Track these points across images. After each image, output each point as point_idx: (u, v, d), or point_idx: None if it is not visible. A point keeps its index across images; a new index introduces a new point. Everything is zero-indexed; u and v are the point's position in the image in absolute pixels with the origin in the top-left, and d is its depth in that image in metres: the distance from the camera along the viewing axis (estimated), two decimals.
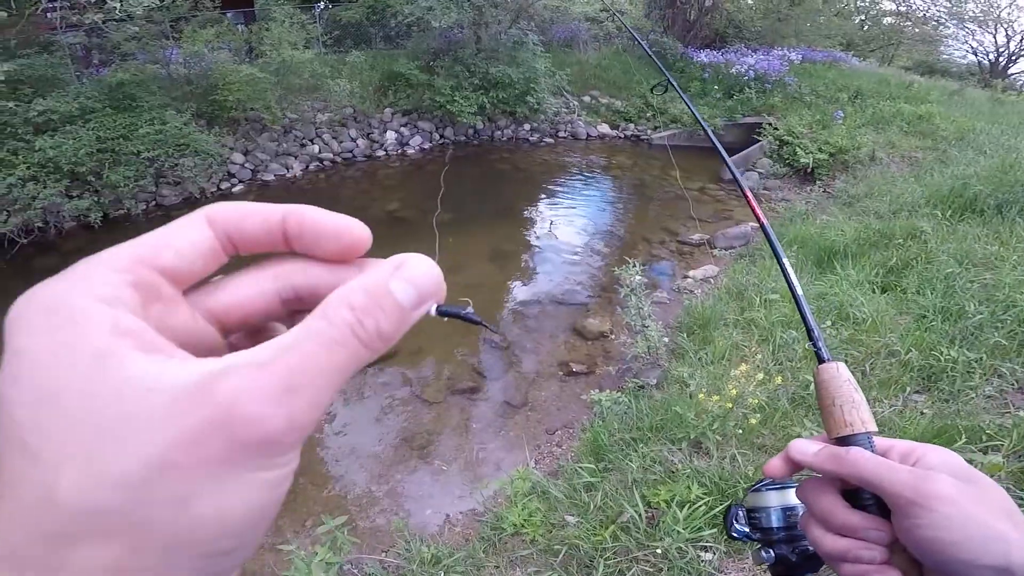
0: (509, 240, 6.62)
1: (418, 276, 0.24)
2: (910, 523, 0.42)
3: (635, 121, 11.03)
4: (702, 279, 5.31)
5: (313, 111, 9.03)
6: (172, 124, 7.08)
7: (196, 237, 0.23)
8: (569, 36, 13.05)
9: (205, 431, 0.19)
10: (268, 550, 2.87)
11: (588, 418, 3.56)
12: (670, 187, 8.28)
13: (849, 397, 0.50)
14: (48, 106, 6.32)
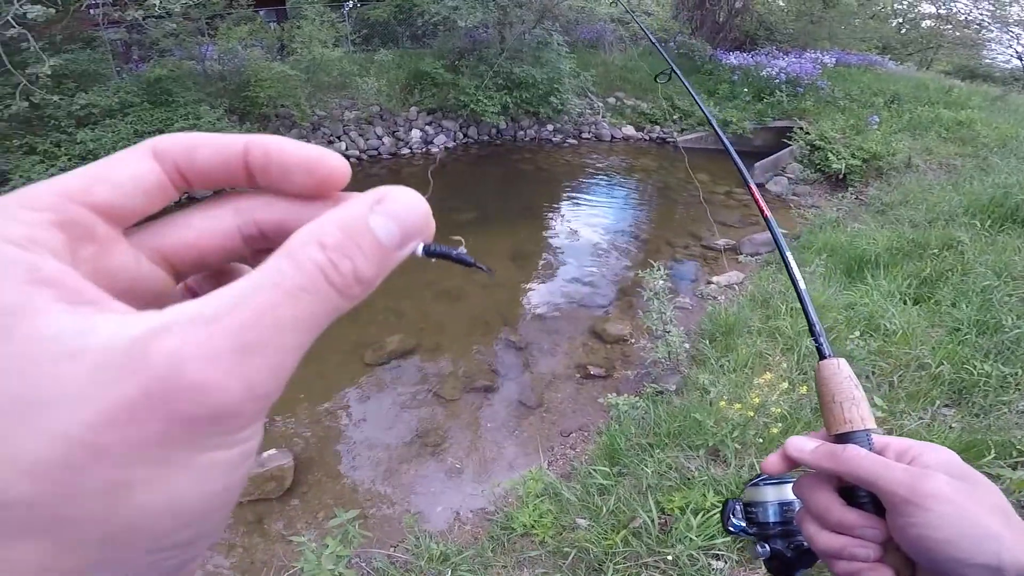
0: (530, 240, 6.61)
1: (402, 210, 0.20)
2: (904, 521, 0.42)
3: (661, 123, 10.91)
4: (726, 285, 5.22)
5: (341, 109, 9.17)
6: (206, 119, 7.28)
7: (138, 169, 0.20)
8: (594, 37, 12.97)
9: (139, 405, 0.15)
10: (278, 540, 2.92)
11: (604, 422, 3.53)
12: (695, 191, 8.15)
13: (849, 394, 0.50)
14: (90, 100, 6.56)
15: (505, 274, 5.78)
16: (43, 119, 6.38)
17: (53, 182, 0.19)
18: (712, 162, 9.56)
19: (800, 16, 14.52)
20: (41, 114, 6.30)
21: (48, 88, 6.15)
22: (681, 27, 13.93)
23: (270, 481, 3.21)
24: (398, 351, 4.41)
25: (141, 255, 0.21)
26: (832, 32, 14.37)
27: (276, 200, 0.22)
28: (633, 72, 11.82)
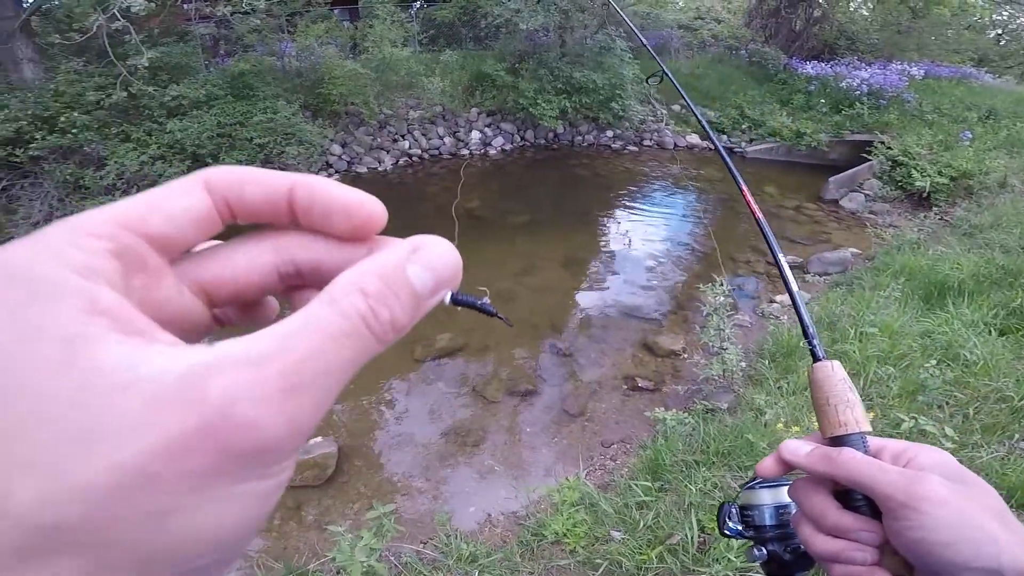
0: (584, 247, 6.54)
1: (437, 261, 0.22)
2: (900, 525, 0.42)
3: (728, 132, 10.55)
4: (790, 305, 4.95)
5: (406, 108, 9.40)
6: (282, 114, 7.61)
7: (191, 202, 0.21)
8: (660, 43, 12.73)
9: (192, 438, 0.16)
10: (313, 528, 2.98)
11: (649, 435, 3.43)
12: (762, 203, 7.81)
13: (844, 397, 0.50)
14: (180, 91, 7.00)
15: (556, 279, 5.74)
16: (138, 109, 6.89)
17: (112, 209, 0.19)
18: (783, 174, 9.16)
19: (886, 26, 13.70)
20: (137, 104, 6.81)
21: (144, 79, 6.65)
22: (754, 35, 13.44)
23: (313, 468, 3.28)
24: (446, 349, 4.46)
25: (184, 286, 0.22)
26: (921, 43, 13.47)
27: (314, 240, 0.23)
28: (700, 80, 11.51)
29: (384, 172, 8.92)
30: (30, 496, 0.15)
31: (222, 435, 0.16)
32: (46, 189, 6.41)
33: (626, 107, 9.95)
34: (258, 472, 0.18)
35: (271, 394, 0.17)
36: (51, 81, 6.64)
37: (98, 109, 6.51)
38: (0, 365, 0.16)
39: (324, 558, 2.61)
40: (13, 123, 6.05)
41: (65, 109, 6.34)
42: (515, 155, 9.93)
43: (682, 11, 15.35)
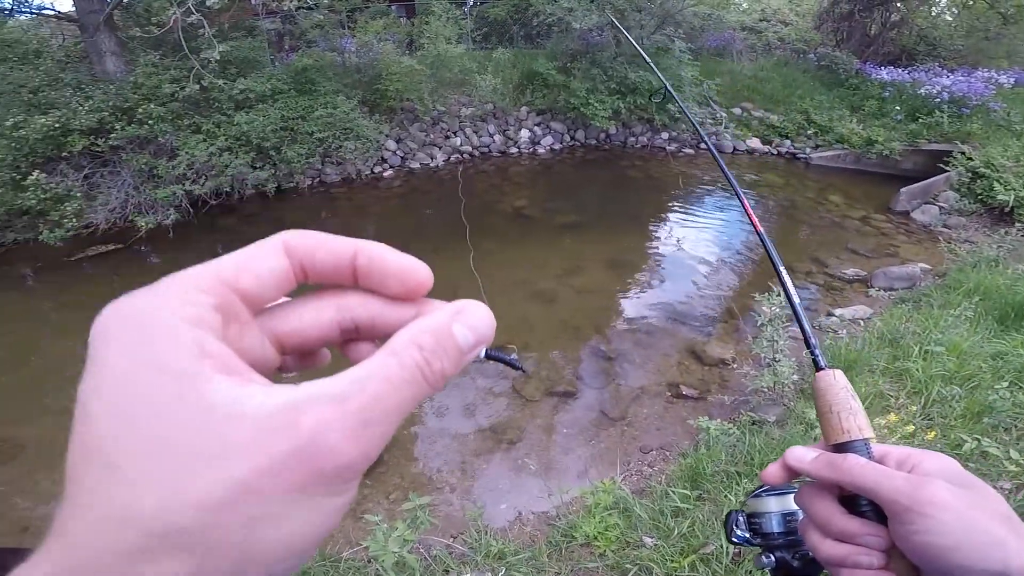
0: (631, 250, 6.40)
1: (477, 322, 0.25)
2: (907, 529, 0.42)
3: (792, 138, 10.09)
4: (850, 319, 4.68)
5: (459, 105, 9.49)
6: (341, 109, 7.82)
7: (274, 264, 0.25)
8: (721, 45, 12.32)
9: (289, 460, 0.20)
10: (348, 516, 3.03)
11: (690, 444, 3.31)
12: (826, 213, 7.45)
13: (846, 404, 0.50)
14: (248, 85, 7.29)
15: (601, 280, 5.64)
16: (209, 101, 7.23)
17: (212, 266, 0.23)
18: (850, 183, 8.70)
19: (972, 32, 12.79)
20: (208, 96, 7.15)
21: (215, 73, 6.96)
22: (824, 38, 12.82)
23: None
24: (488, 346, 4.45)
25: (264, 336, 0.26)
26: (1012, 50, 12.50)
27: (370, 300, 0.27)
28: (764, 83, 11.07)
29: (436, 168, 9.04)
30: (151, 506, 0.19)
31: (312, 458, 0.20)
32: (123, 177, 6.84)
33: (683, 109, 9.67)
34: (335, 489, 0.22)
35: (351, 427, 0.21)
36: (131, 74, 7.03)
37: (172, 101, 6.87)
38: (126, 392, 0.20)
39: (358, 547, 2.64)
40: (96, 114, 6.46)
41: (143, 101, 6.71)
42: (564, 155, 9.85)
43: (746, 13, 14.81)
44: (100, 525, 0.19)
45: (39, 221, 6.22)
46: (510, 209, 7.48)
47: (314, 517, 0.21)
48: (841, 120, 9.86)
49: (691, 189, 8.44)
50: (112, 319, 0.21)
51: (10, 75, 6.64)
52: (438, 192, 8.24)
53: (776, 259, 0.73)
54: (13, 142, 6.09)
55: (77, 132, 6.31)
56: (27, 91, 6.52)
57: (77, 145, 6.31)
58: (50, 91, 6.59)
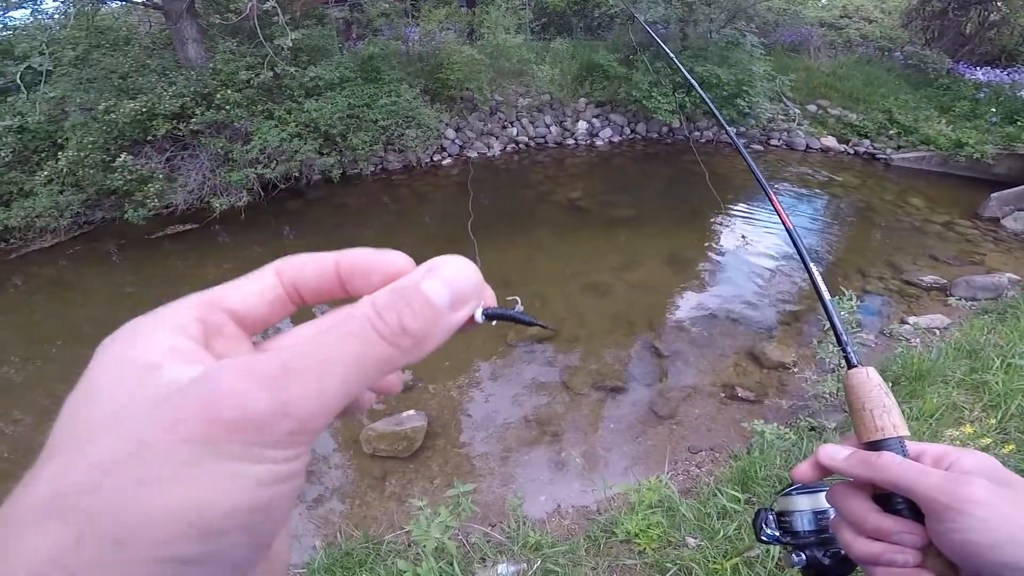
0: (691, 246, 6.20)
1: (452, 276, 0.24)
2: (946, 527, 0.42)
3: (872, 137, 9.46)
4: (925, 328, 4.36)
5: (516, 95, 9.47)
6: (405, 97, 7.93)
7: (262, 285, 0.25)
8: (798, 41, 11.71)
9: (187, 410, 0.18)
10: (393, 499, 3.09)
11: (742, 446, 3.18)
12: (905, 216, 6.95)
13: (880, 402, 0.50)
14: (318, 73, 7.51)
15: (657, 276, 5.50)
16: (280, 88, 7.53)
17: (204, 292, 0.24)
18: (934, 187, 8.08)
19: None
20: (280, 84, 7.44)
21: (287, 60, 7.23)
22: (912, 37, 11.95)
23: (403, 440, 3.38)
24: (537, 336, 4.44)
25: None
26: None
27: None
28: (843, 80, 10.45)
29: (492, 157, 9.07)
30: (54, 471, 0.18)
31: (212, 405, 0.18)
32: (201, 160, 7.24)
33: (753, 104, 9.27)
34: (249, 452, 0.19)
35: (264, 373, 0.19)
36: (210, 60, 7.40)
37: (248, 87, 7.18)
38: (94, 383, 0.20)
39: (400, 530, 2.69)
40: (179, 99, 6.85)
41: (220, 87, 7.06)
42: (623, 147, 9.64)
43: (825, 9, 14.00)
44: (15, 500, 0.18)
45: (124, 201, 6.70)
46: (564, 200, 7.41)
47: (227, 484, 0.18)
48: (928, 121, 9.17)
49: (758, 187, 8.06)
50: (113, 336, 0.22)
51: (103, 61, 7.13)
52: (494, 181, 8.27)
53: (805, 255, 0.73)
54: (104, 125, 6.53)
55: (161, 116, 6.72)
56: (117, 76, 6.99)
57: (161, 129, 6.72)
58: (138, 77, 7.03)
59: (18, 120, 6.52)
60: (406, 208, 7.43)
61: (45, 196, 6.32)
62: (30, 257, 6.35)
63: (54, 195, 6.39)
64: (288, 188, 7.57)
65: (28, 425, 3.81)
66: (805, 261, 0.72)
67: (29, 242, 6.51)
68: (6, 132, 6.38)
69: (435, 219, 7.25)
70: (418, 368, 4.15)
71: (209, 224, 6.81)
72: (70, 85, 6.82)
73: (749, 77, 9.11)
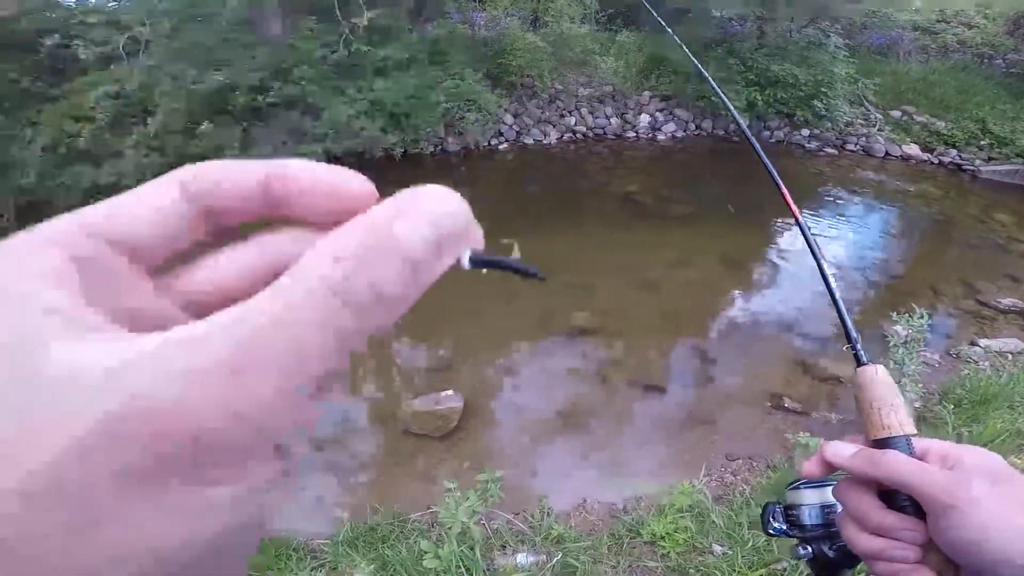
0: (749, 248, 6.00)
1: (434, 213, 0.17)
2: (944, 524, 0.43)
3: (960, 147, 8.79)
4: (998, 351, 4.10)
5: (577, 85, 9.36)
6: (467, 81, 8.01)
7: (162, 202, 0.19)
8: (886, 44, 10.98)
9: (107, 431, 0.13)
10: (421, 478, 3.11)
11: (783, 458, 3.10)
12: (989, 233, 6.45)
13: (888, 400, 0.51)
14: (388, 53, 7.69)
15: (710, 274, 5.36)
16: (353, 67, 7.75)
17: (76, 214, 0.18)
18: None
19: None
20: (352, 62, 7.67)
21: (362, 40, 7.45)
22: (1017, 44, 11.00)
23: (439, 420, 3.39)
24: (580, 328, 4.44)
25: (166, 300, 0.19)
26: None
27: (306, 234, 0.20)
28: (933, 87, 9.74)
29: (548, 145, 9.03)
30: None
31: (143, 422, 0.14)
32: (275, 133, 7.58)
33: (831, 107, 8.81)
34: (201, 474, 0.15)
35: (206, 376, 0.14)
36: (288, 36, 7.70)
37: (323, 64, 7.46)
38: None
39: (425, 510, 2.72)
40: (259, 72, 7.20)
41: (298, 63, 7.37)
42: (687, 143, 9.37)
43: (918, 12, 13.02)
44: None
45: None
46: (620, 193, 7.31)
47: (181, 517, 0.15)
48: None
49: (829, 192, 7.69)
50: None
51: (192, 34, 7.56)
52: (549, 169, 8.26)
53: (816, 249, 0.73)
54: (191, 95, 6.94)
55: (242, 88, 7.07)
56: (204, 48, 7.40)
57: (240, 101, 7.09)
58: (222, 50, 7.40)
59: (116, 87, 7.03)
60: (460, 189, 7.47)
61: (132, 158, 6.82)
62: None
63: (139, 158, 6.88)
64: (351, 164, 7.71)
65: None
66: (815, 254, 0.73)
67: None
68: (104, 97, 6.90)
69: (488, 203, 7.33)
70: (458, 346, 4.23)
71: None
72: (164, 55, 7.29)
73: (829, 78, 8.69)
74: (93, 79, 7.22)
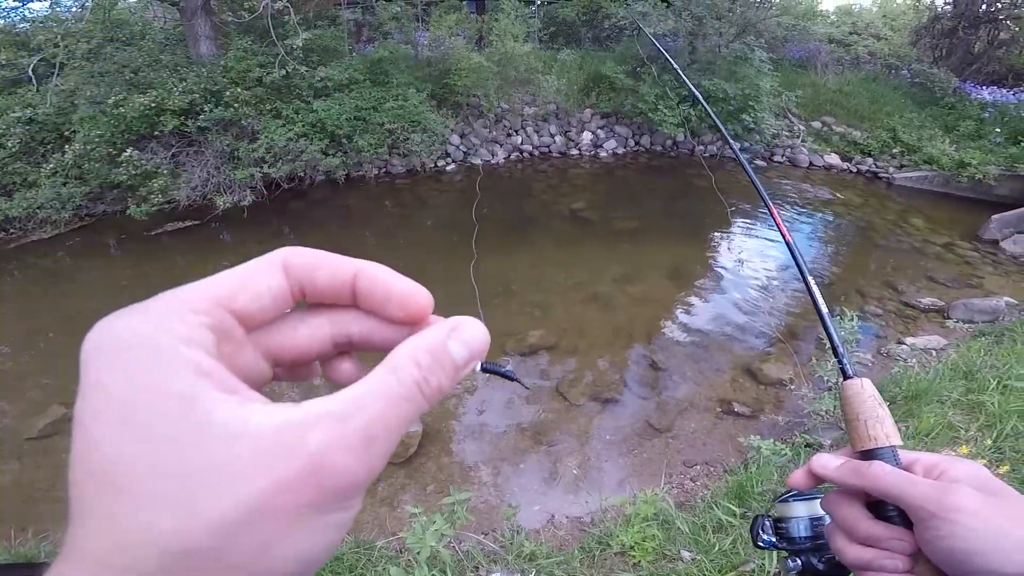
0: (692, 260, 6.23)
1: (471, 338, 0.25)
2: (932, 534, 0.43)
3: (876, 156, 9.52)
4: (922, 348, 4.38)
5: (522, 104, 9.53)
6: (412, 101, 7.94)
7: (272, 283, 0.25)
8: (805, 56, 11.80)
9: (298, 480, 0.20)
10: (385, 504, 3.05)
11: (738, 461, 3.19)
12: (906, 237, 6.98)
13: (873, 412, 0.51)
14: (327, 74, 7.52)
15: (658, 289, 5.52)
16: (290, 88, 7.53)
17: (206, 286, 0.23)
18: (935, 207, 8.14)
19: None
20: (289, 83, 7.44)
21: (298, 60, 7.24)
22: (920, 54, 12.05)
23: (398, 446, 3.33)
24: (537, 346, 4.45)
25: (258, 353, 0.26)
26: None
27: (367, 317, 0.27)
28: (849, 97, 10.51)
29: (496, 165, 9.11)
30: (168, 527, 0.19)
31: (320, 478, 0.20)
32: (206, 158, 7.24)
33: (759, 119, 9.33)
34: (341, 506, 0.22)
35: (355, 445, 0.21)
36: (221, 57, 7.43)
37: (258, 86, 7.21)
38: (128, 416, 0.19)
39: (391, 536, 2.66)
40: (189, 95, 6.87)
41: (231, 84, 7.08)
42: (627, 159, 9.69)
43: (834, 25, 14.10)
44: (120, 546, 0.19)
45: (128, 195, 6.69)
46: (567, 211, 7.44)
47: (324, 533, 0.21)
48: (932, 140, 9.22)
49: (760, 202, 8.11)
50: (107, 339, 0.21)
51: (116, 55, 7.17)
52: (497, 189, 8.28)
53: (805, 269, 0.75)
54: (112, 119, 6.53)
55: (170, 112, 6.73)
56: (129, 71, 7.01)
57: (168, 125, 6.74)
58: (149, 72, 7.06)
59: (28, 112, 6.54)
60: (408, 212, 7.45)
61: (48, 188, 6.33)
62: (28, 247, 6.36)
63: (57, 187, 6.40)
64: (291, 188, 7.58)
65: (14, 416, 3.80)
66: (804, 275, 0.74)
67: (29, 232, 6.52)
68: (15, 123, 6.40)
69: (437, 225, 7.27)
70: None
71: (210, 221, 6.82)
72: (82, 78, 6.86)
73: (756, 92, 9.17)
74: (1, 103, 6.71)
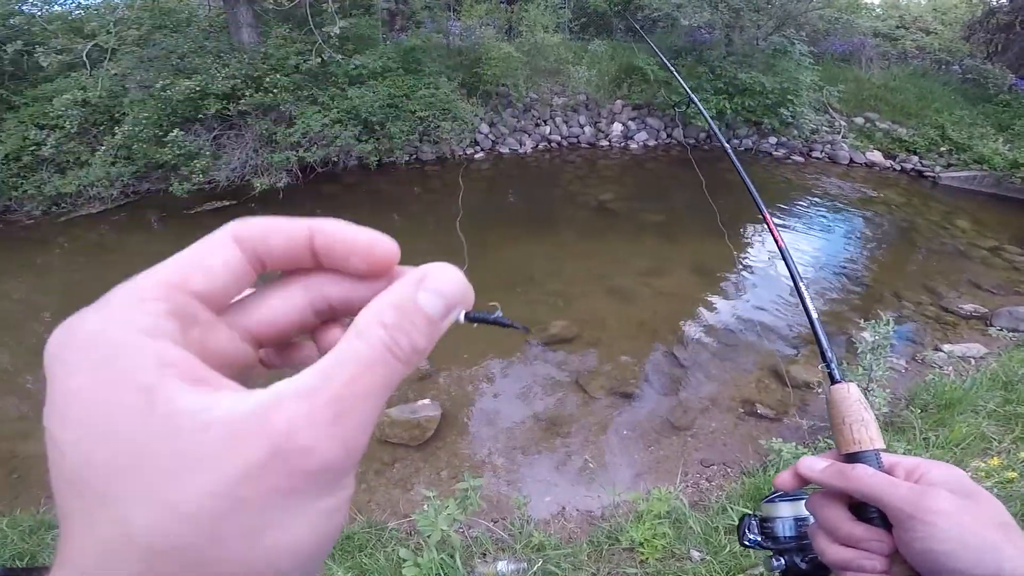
0: (719, 256, 6.10)
1: (443, 285, 0.23)
2: (909, 536, 0.45)
3: (922, 154, 9.12)
4: (960, 356, 4.23)
5: (551, 94, 9.46)
6: (443, 90, 8.02)
7: (226, 258, 0.23)
8: (849, 50, 11.32)
9: (266, 463, 0.19)
10: (399, 486, 3.10)
11: (757, 463, 3.16)
12: (950, 239, 6.70)
13: (859, 416, 0.53)
14: (362, 62, 7.67)
15: (682, 283, 5.45)
16: (326, 75, 7.69)
17: (158, 271, 0.22)
18: (983, 208, 7.77)
19: None
20: (326, 70, 7.61)
21: (334, 48, 7.40)
22: (973, 50, 11.43)
23: (415, 429, 3.41)
24: (558, 336, 4.46)
25: (235, 334, 0.24)
26: None
27: (339, 278, 0.25)
28: (895, 93, 10.06)
29: (524, 154, 9.09)
30: (143, 523, 0.18)
31: (289, 459, 0.19)
32: (246, 141, 7.48)
33: (797, 114, 9.03)
34: (324, 490, 0.20)
35: (323, 421, 0.20)
36: (262, 44, 7.64)
37: (296, 73, 7.38)
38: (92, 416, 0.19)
39: (403, 518, 2.71)
40: (231, 80, 7.09)
41: (270, 71, 7.28)
42: (658, 152, 9.53)
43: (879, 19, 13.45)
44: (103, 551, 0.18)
45: (171, 174, 7.01)
46: (594, 202, 7.38)
47: (312, 521, 0.20)
48: (984, 139, 8.77)
49: (796, 199, 7.89)
50: (63, 342, 0.20)
51: (164, 41, 7.43)
52: (524, 178, 8.31)
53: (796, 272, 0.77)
54: (160, 102, 6.85)
55: (213, 96, 6.98)
56: (175, 56, 7.28)
57: (212, 108, 6.99)
58: (195, 57, 7.29)
59: (81, 94, 6.85)
60: (437, 199, 7.52)
61: (99, 166, 6.65)
62: (77, 221, 6.72)
63: (107, 166, 6.72)
64: (325, 172, 7.75)
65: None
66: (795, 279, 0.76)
67: (78, 207, 6.90)
68: (71, 105, 6.71)
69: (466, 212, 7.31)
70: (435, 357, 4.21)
71: (247, 202, 7.03)
72: (132, 63, 7.14)
73: (795, 86, 8.88)
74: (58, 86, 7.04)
